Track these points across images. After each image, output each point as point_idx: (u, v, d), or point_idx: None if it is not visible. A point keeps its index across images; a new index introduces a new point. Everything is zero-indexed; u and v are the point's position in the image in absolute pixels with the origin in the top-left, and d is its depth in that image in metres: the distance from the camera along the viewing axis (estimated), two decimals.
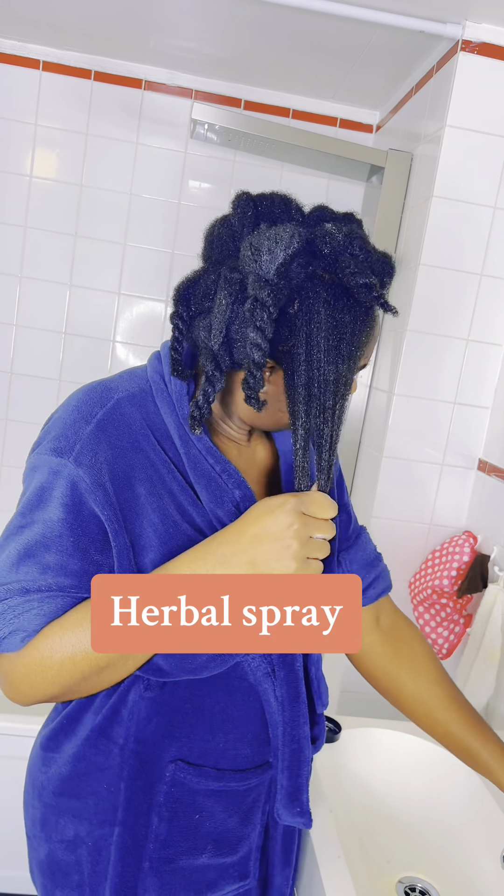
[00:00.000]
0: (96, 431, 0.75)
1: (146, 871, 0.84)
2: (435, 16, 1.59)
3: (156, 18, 1.81)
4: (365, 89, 2.05)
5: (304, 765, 0.86)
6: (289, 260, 0.70)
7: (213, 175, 2.18)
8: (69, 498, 0.73)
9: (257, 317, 0.70)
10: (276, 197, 0.78)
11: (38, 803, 0.88)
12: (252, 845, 0.91)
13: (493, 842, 1.09)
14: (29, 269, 2.19)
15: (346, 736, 1.22)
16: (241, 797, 0.87)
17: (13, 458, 2.29)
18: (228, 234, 0.77)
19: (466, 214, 1.65)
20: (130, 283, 2.22)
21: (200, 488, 0.79)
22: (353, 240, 0.72)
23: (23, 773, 0.97)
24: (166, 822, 0.83)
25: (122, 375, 0.83)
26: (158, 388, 0.81)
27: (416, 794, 1.21)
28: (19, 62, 2.09)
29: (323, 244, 0.72)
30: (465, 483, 1.78)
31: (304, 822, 0.85)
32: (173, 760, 0.83)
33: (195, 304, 0.77)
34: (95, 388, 0.80)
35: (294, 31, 1.76)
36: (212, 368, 0.74)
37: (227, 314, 0.73)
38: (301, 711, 0.85)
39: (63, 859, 0.86)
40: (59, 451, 0.74)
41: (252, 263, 0.71)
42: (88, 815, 0.85)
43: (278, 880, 0.96)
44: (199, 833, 0.85)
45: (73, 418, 0.76)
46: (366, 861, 1.09)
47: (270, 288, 0.70)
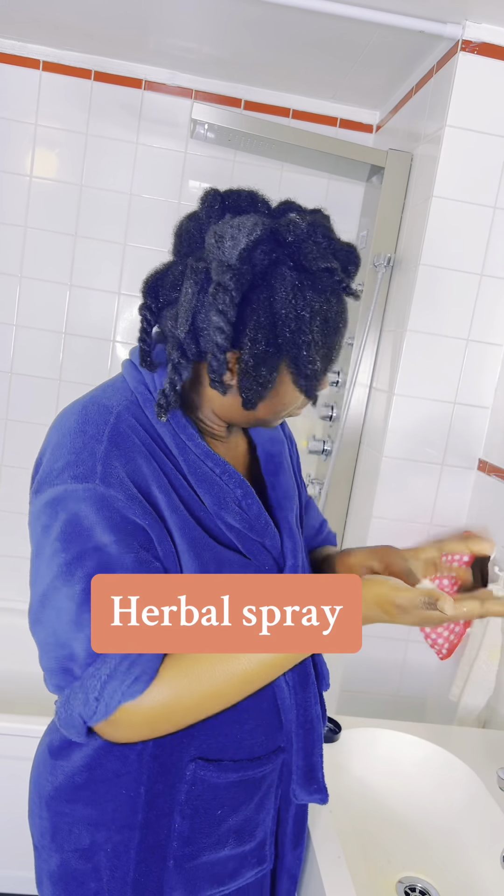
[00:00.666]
0: (110, 447, 0.74)
1: (171, 870, 0.84)
2: (435, 16, 1.59)
3: (156, 18, 1.81)
4: (365, 89, 2.05)
5: (317, 743, 0.89)
6: (251, 246, 0.71)
7: (213, 175, 2.18)
8: (111, 519, 0.72)
9: (219, 300, 0.71)
10: (243, 191, 0.79)
11: (47, 813, 0.87)
12: (267, 830, 0.92)
13: (493, 842, 1.09)
14: (29, 269, 2.19)
15: (346, 736, 1.22)
16: (257, 784, 0.88)
17: (13, 459, 2.29)
18: (196, 227, 0.78)
19: (466, 214, 1.65)
20: (130, 283, 2.22)
21: (203, 492, 0.79)
22: (316, 228, 0.74)
23: (24, 773, 0.96)
24: (189, 820, 0.83)
25: (104, 391, 0.81)
26: (145, 398, 0.80)
27: (416, 794, 1.21)
28: (19, 62, 2.09)
29: (287, 232, 0.73)
30: (465, 483, 1.78)
31: (321, 798, 0.89)
32: (193, 759, 0.83)
33: (163, 296, 0.78)
34: (89, 407, 0.78)
35: (294, 31, 1.76)
36: (178, 356, 0.75)
37: (192, 303, 0.74)
38: (312, 693, 0.88)
39: (78, 868, 0.85)
40: (81, 477, 0.72)
41: (215, 250, 0.72)
42: (106, 822, 0.83)
43: (289, 860, 0.98)
44: (221, 827, 0.86)
45: (82, 441, 0.74)
46: (366, 861, 1.09)
47: (233, 272, 0.71)
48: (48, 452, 0.76)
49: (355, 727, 1.25)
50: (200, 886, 0.86)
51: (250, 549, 0.83)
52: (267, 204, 0.80)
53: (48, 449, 0.77)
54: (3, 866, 1.76)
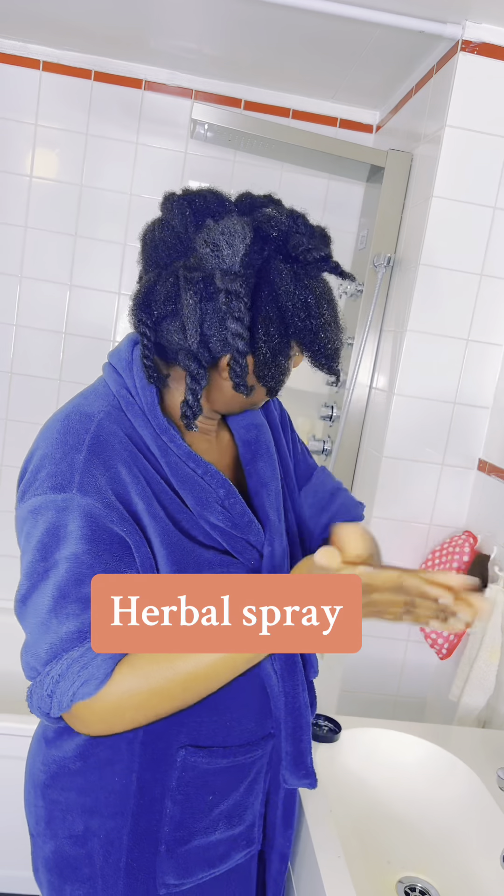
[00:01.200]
0: (89, 456, 0.75)
1: (163, 855, 0.86)
2: (435, 16, 1.59)
3: (156, 18, 1.81)
4: (365, 89, 2.05)
5: (305, 730, 0.91)
6: (248, 250, 0.74)
7: (213, 175, 2.18)
8: (87, 528, 0.73)
9: (234, 308, 0.74)
10: (205, 192, 0.81)
11: (42, 801, 0.89)
12: (256, 813, 0.95)
13: (493, 842, 1.09)
14: (29, 269, 2.19)
15: (346, 736, 1.22)
16: (247, 770, 0.90)
17: (13, 459, 2.29)
18: (172, 236, 0.78)
19: (466, 214, 1.65)
20: (130, 283, 2.22)
21: (185, 493, 0.81)
22: (295, 219, 0.77)
23: (20, 773, 0.97)
24: (180, 806, 0.85)
25: (86, 397, 0.83)
26: (128, 402, 0.81)
27: (416, 794, 1.21)
28: (19, 62, 2.09)
29: (270, 228, 0.76)
30: (465, 483, 1.78)
31: (309, 782, 0.91)
32: (183, 746, 0.85)
33: (157, 309, 0.78)
34: (72, 415, 0.79)
35: (294, 31, 1.76)
36: (196, 367, 0.77)
37: (197, 313, 0.75)
38: (299, 680, 0.90)
39: (72, 854, 0.87)
40: (58, 488, 0.74)
41: (214, 259, 0.74)
42: (99, 809, 0.85)
43: (280, 841, 1.00)
44: (212, 812, 0.88)
45: (62, 451, 0.76)
46: (366, 861, 1.09)
47: (240, 279, 0.74)
48: (33, 461, 0.78)
49: (355, 727, 1.25)
50: (192, 870, 0.88)
51: (235, 547, 0.85)
52: (230, 200, 0.82)
53: (33, 457, 0.79)
54: (3, 866, 1.76)
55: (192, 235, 0.77)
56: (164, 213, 0.82)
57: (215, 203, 0.79)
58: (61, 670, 0.72)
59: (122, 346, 0.87)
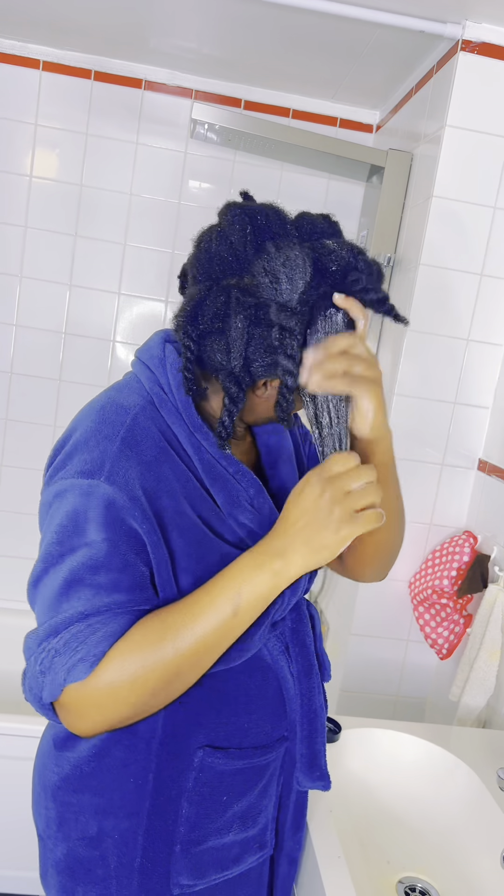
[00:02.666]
0: (123, 448, 0.76)
1: (178, 855, 0.86)
2: (435, 16, 1.59)
3: (156, 18, 1.81)
4: (365, 89, 2.05)
5: (320, 732, 0.92)
6: (307, 287, 0.74)
7: (213, 175, 2.18)
8: (108, 517, 0.73)
9: (287, 346, 0.74)
10: (268, 209, 0.79)
11: (53, 803, 0.88)
12: (269, 816, 0.95)
13: (493, 842, 1.09)
14: (29, 269, 2.19)
15: (346, 736, 1.22)
16: (261, 772, 0.90)
17: (13, 458, 2.29)
18: (229, 252, 0.77)
19: (466, 214, 1.65)
20: (130, 283, 2.22)
21: (217, 491, 0.81)
22: (356, 255, 0.76)
23: (24, 773, 0.97)
24: (196, 806, 0.85)
25: (120, 391, 0.83)
26: (161, 400, 0.81)
27: (416, 795, 1.21)
28: (19, 62, 2.09)
29: (329, 262, 0.75)
30: (465, 483, 1.78)
31: (323, 784, 0.92)
32: (201, 746, 0.85)
33: (203, 324, 0.77)
34: (108, 407, 0.79)
35: (294, 31, 1.76)
36: (236, 390, 0.77)
37: (244, 337, 0.75)
38: (315, 683, 0.91)
39: (85, 856, 0.87)
40: (87, 473, 0.74)
41: (272, 292, 0.74)
42: (114, 810, 0.85)
43: (289, 844, 1.00)
44: (226, 813, 0.88)
45: (96, 439, 0.76)
46: (366, 861, 1.09)
47: (297, 317, 0.74)
48: (66, 447, 0.79)
49: (355, 727, 1.25)
50: (205, 871, 0.88)
51: None
52: (290, 219, 0.81)
53: (66, 443, 0.79)
54: (4, 866, 1.76)
55: (250, 256, 0.76)
56: (222, 222, 0.80)
57: (277, 223, 0.78)
58: (58, 646, 0.71)
59: (152, 343, 0.86)
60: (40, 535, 0.79)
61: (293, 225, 0.80)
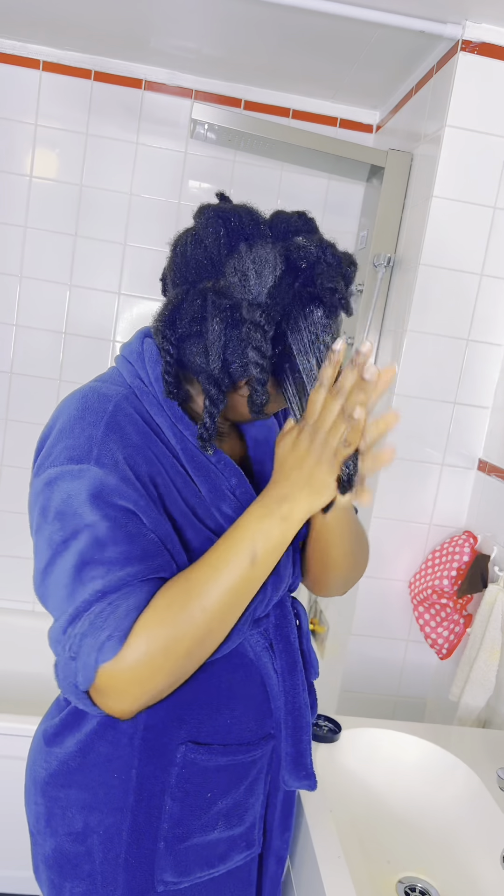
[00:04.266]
0: (107, 432, 0.76)
1: (161, 852, 0.86)
2: (435, 16, 1.59)
3: (156, 18, 1.81)
4: (365, 89, 2.05)
5: (305, 731, 0.91)
6: (277, 282, 0.75)
7: (213, 175, 2.18)
8: (101, 497, 0.73)
9: (254, 339, 0.75)
10: (243, 210, 0.80)
11: (42, 798, 0.89)
12: (256, 815, 0.94)
13: (493, 842, 1.09)
14: (29, 269, 2.19)
15: (346, 736, 1.22)
16: (246, 769, 0.90)
17: (13, 458, 2.29)
18: (204, 255, 0.78)
19: (466, 214, 1.65)
20: (130, 283, 2.22)
21: (200, 480, 0.82)
22: (324, 249, 0.77)
23: (23, 774, 0.97)
24: (179, 802, 0.85)
25: (102, 381, 0.83)
26: (142, 391, 0.82)
27: (416, 794, 1.21)
28: (19, 62, 2.09)
29: (299, 259, 0.76)
30: (465, 483, 1.78)
31: (309, 784, 0.92)
32: (183, 742, 0.85)
33: (182, 328, 0.78)
34: (89, 395, 0.80)
35: (294, 31, 1.76)
36: (216, 392, 0.78)
37: (222, 339, 0.76)
38: (299, 680, 0.91)
39: (72, 851, 0.87)
40: (76, 459, 0.74)
41: (242, 290, 0.75)
42: (98, 805, 0.86)
43: (277, 844, 1.00)
44: (211, 809, 0.88)
45: (80, 426, 0.77)
46: (366, 861, 1.09)
47: (263, 311, 0.74)
48: (50, 437, 0.79)
49: (355, 727, 1.25)
50: (190, 868, 0.88)
51: None
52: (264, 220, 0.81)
53: (50, 433, 0.80)
54: (3, 866, 1.76)
55: (223, 258, 0.77)
56: (197, 226, 0.81)
57: (251, 224, 0.79)
58: (83, 628, 0.70)
59: (133, 340, 0.88)
60: (32, 526, 0.78)
61: (267, 225, 0.80)
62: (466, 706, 1.52)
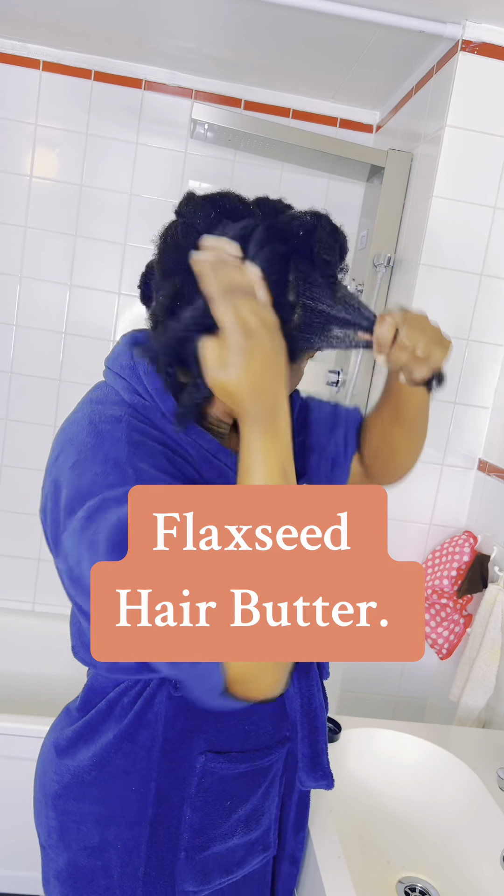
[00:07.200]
0: (132, 450, 0.72)
1: (182, 863, 0.85)
2: (435, 16, 1.59)
3: (156, 18, 1.81)
4: (365, 89, 2.05)
5: (321, 731, 0.92)
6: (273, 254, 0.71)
7: (213, 175, 2.18)
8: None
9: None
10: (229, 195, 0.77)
11: (54, 812, 0.87)
12: (272, 817, 0.94)
13: (493, 842, 1.09)
14: (29, 269, 2.19)
15: (346, 736, 1.22)
16: (264, 774, 0.90)
17: (13, 459, 2.29)
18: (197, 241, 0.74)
19: (466, 214, 1.65)
20: (130, 283, 2.22)
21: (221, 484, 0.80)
22: (320, 217, 0.74)
23: (24, 773, 0.97)
24: (199, 812, 0.84)
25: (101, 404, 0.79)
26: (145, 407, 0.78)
27: (416, 794, 1.21)
28: (19, 62, 2.09)
29: (296, 228, 0.73)
30: (465, 483, 1.78)
31: (326, 783, 0.92)
32: (202, 752, 0.84)
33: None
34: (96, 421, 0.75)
35: (294, 31, 1.76)
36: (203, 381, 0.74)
37: None
38: (314, 680, 0.91)
39: (87, 865, 0.85)
40: (114, 484, 0.68)
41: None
42: (116, 819, 0.84)
43: (291, 844, 0.99)
44: (231, 817, 0.87)
45: (103, 451, 0.72)
46: (366, 861, 1.09)
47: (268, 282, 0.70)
48: (66, 474, 0.72)
49: (355, 727, 1.25)
50: (210, 876, 0.87)
51: None
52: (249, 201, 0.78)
53: (63, 472, 0.73)
54: (4, 866, 1.76)
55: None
56: (184, 214, 0.77)
57: (239, 206, 0.76)
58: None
59: (120, 350, 0.83)
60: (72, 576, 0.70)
61: (255, 205, 0.78)
62: (466, 706, 1.52)
